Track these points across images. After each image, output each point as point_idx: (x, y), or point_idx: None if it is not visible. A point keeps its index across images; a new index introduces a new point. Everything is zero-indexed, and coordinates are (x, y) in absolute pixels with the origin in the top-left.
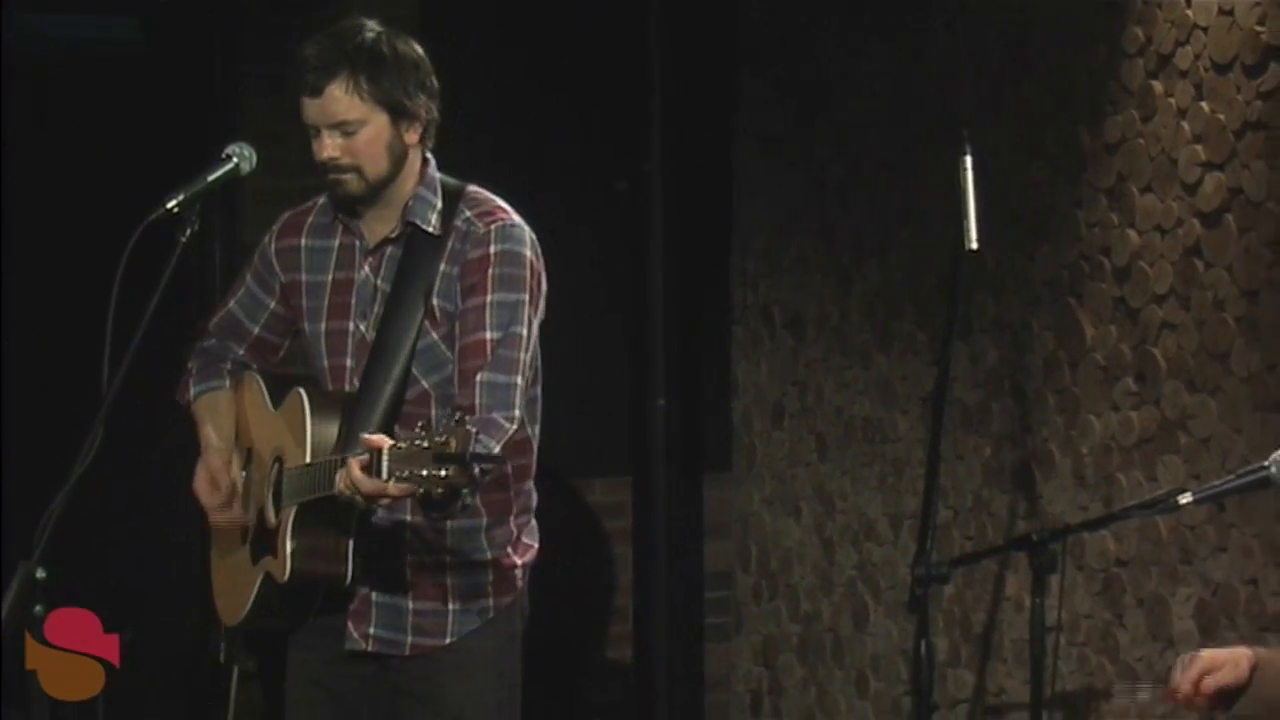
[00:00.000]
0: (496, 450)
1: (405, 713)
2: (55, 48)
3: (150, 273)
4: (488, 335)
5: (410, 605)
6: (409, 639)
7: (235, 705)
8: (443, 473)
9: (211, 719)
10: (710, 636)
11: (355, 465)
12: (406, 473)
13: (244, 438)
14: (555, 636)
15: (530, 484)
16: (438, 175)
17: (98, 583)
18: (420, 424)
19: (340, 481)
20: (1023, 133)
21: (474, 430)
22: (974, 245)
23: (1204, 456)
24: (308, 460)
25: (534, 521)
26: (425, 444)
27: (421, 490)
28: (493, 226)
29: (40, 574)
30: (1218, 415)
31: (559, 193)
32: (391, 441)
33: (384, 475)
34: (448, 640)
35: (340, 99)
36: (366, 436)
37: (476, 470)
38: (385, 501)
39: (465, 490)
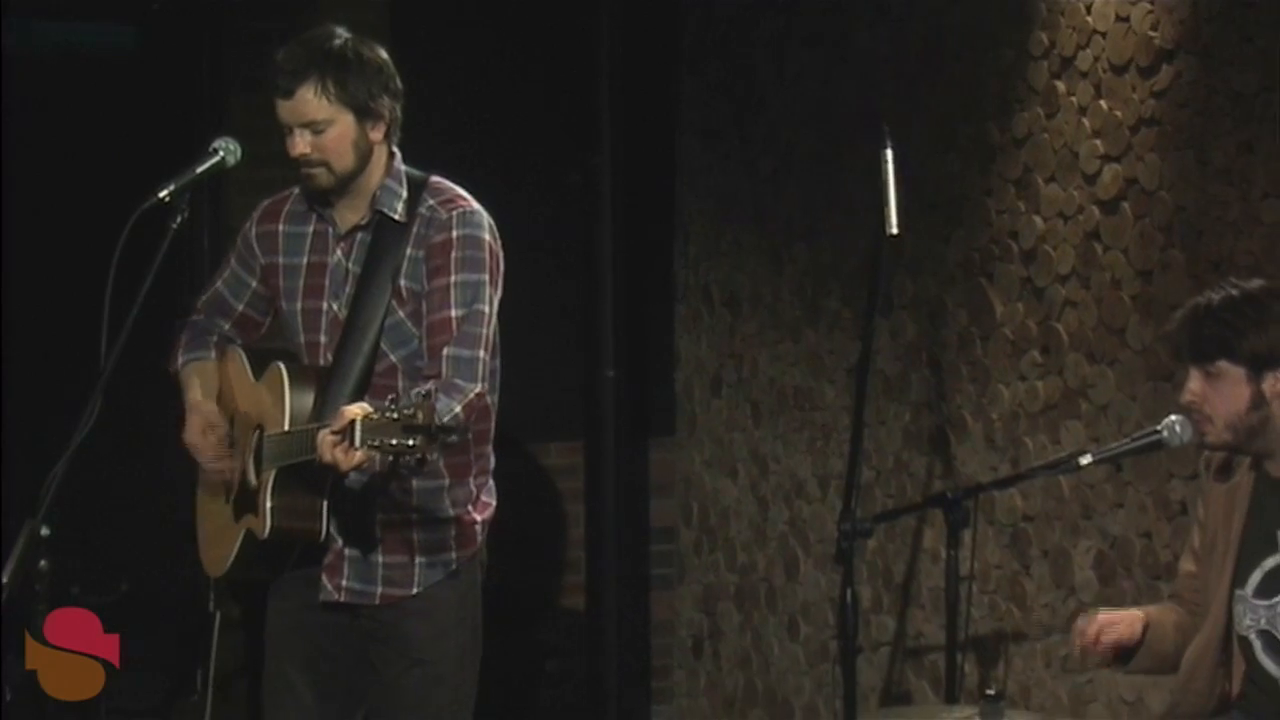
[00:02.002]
0: (458, 409)
1: (376, 656)
2: (57, 52)
3: (143, 256)
4: (453, 313)
5: (380, 559)
6: (379, 589)
7: (218, 649)
8: (410, 442)
9: (200, 662)
10: (655, 586)
11: (331, 434)
12: (378, 441)
13: (227, 405)
14: (515, 586)
15: (489, 448)
16: (403, 167)
17: (97, 539)
18: (390, 397)
19: (319, 447)
20: (938, 128)
21: (439, 404)
22: (894, 230)
23: (1102, 422)
24: (287, 428)
25: (492, 482)
26: (395, 415)
27: (390, 457)
28: (454, 213)
29: (44, 531)
30: (1115, 384)
31: (517, 183)
32: (365, 413)
33: (357, 443)
34: (414, 590)
35: (309, 101)
36: (343, 408)
37: (438, 438)
38: (358, 466)
39: (430, 456)
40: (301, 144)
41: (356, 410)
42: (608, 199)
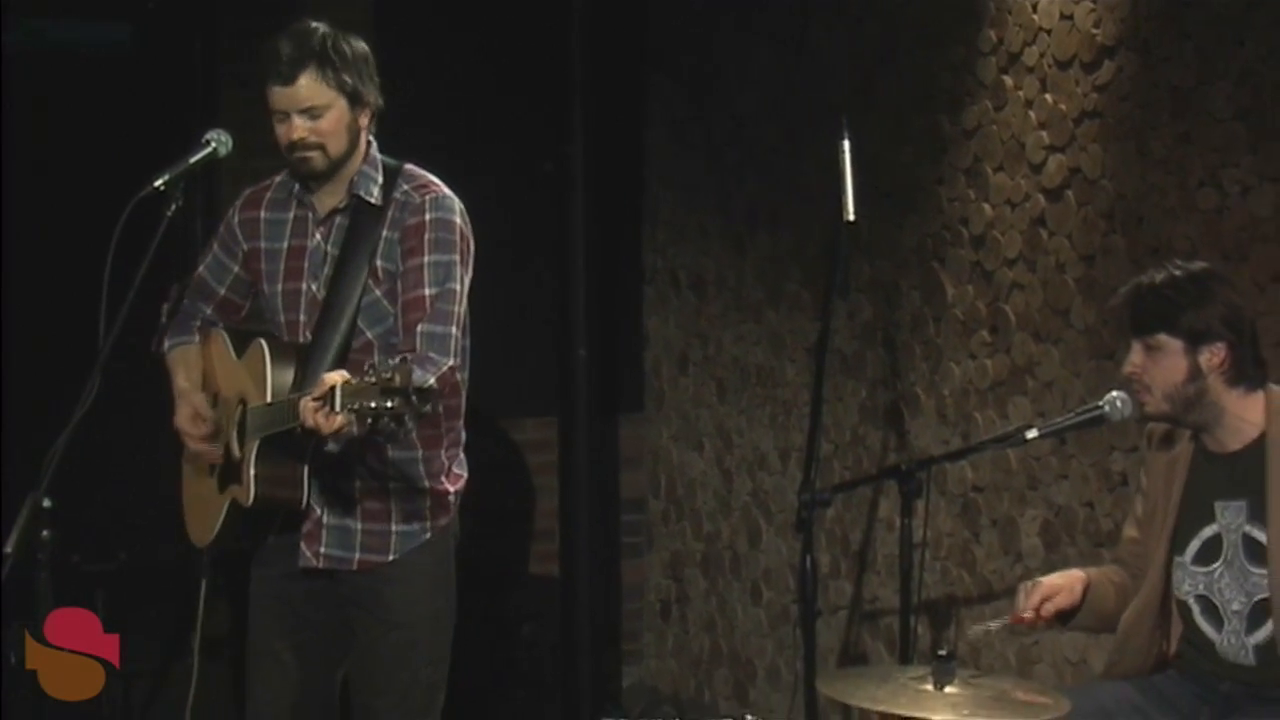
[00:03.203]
0: (432, 382)
1: (354, 621)
2: (56, 49)
3: (140, 242)
4: (426, 291)
5: (358, 526)
6: (357, 555)
7: (204, 614)
8: (389, 404)
9: (189, 630)
10: (626, 554)
11: (313, 400)
12: (357, 405)
13: (210, 384)
14: (493, 554)
15: (460, 422)
16: (379, 155)
17: (96, 511)
18: (368, 364)
19: (302, 414)
20: (892, 120)
21: (414, 374)
22: (851, 217)
23: (1048, 397)
24: (269, 400)
25: (463, 455)
26: (374, 380)
27: (370, 420)
28: (427, 197)
29: (46, 503)
30: (1059, 362)
31: (494, 172)
32: (345, 378)
33: (338, 407)
34: (391, 557)
35: (309, 86)
36: (323, 375)
37: (415, 401)
38: (339, 431)
39: (407, 419)
40: (299, 129)
41: (336, 377)
42: (580, 188)
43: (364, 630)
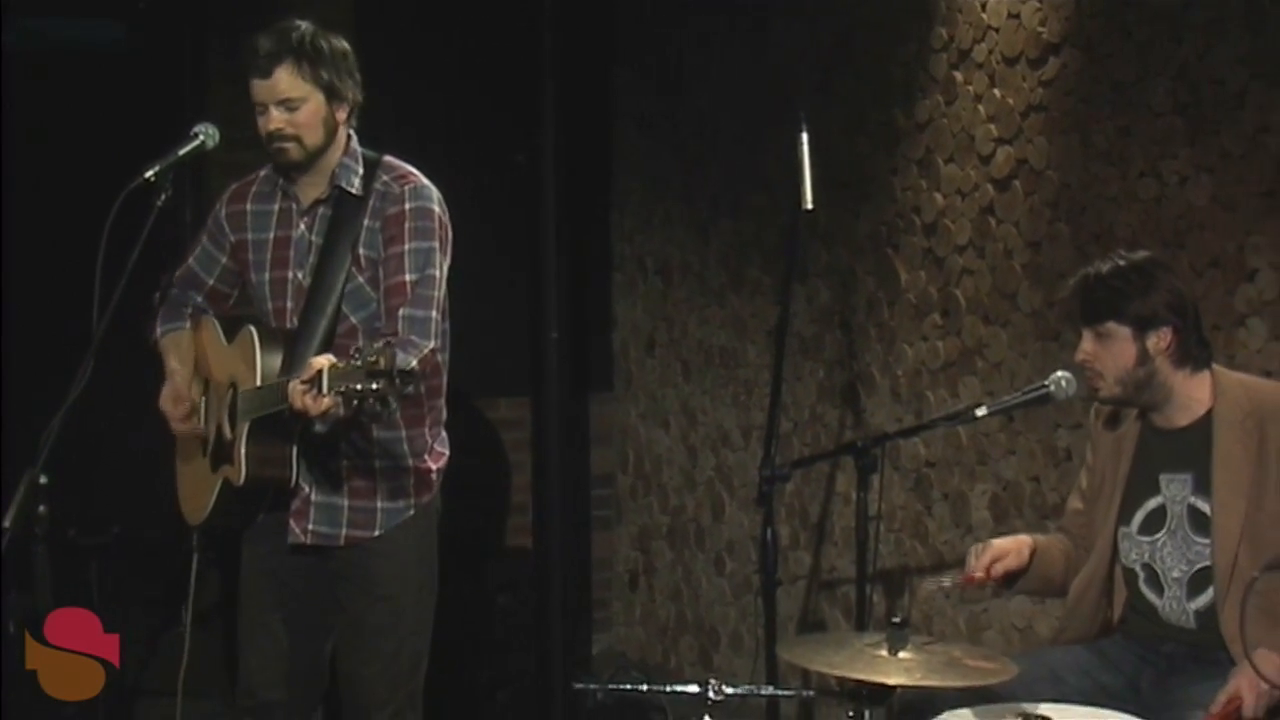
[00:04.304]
0: (414, 364)
1: (342, 593)
2: (54, 47)
3: (131, 230)
4: (407, 277)
5: (345, 504)
6: (344, 531)
7: (195, 587)
8: (374, 385)
9: (181, 600)
10: (596, 526)
11: (301, 383)
12: (344, 386)
13: (202, 369)
14: (469, 527)
15: (441, 401)
16: (359, 148)
17: (90, 487)
18: (354, 348)
19: (290, 396)
20: (848, 114)
21: (397, 356)
22: (809, 205)
23: (996, 377)
24: (259, 384)
25: (445, 433)
26: (359, 363)
27: (355, 401)
28: (406, 187)
29: (43, 479)
30: (1007, 344)
31: (470, 164)
32: (331, 361)
33: (325, 390)
34: (376, 532)
35: (286, 79)
36: (311, 359)
37: (398, 382)
38: (326, 413)
39: (391, 400)
40: (276, 120)
41: (323, 360)
42: (551, 179)
43: (351, 602)
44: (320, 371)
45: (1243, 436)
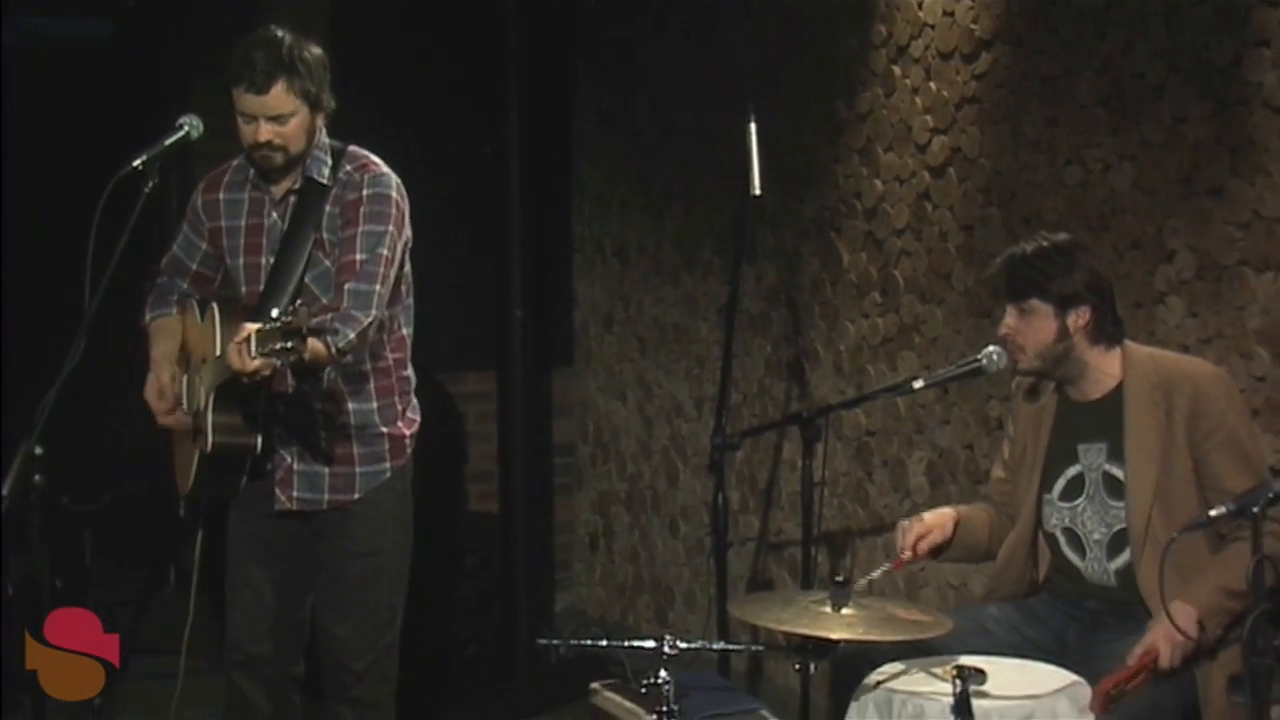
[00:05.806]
0: (353, 336)
1: (322, 553)
2: (45, 44)
3: (121, 216)
4: (357, 256)
5: (326, 471)
6: (326, 497)
7: (191, 551)
8: (289, 344)
9: (171, 562)
10: (558, 492)
11: (235, 343)
12: (267, 348)
13: (186, 349)
14: (438, 493)
15: (409, 371)
16: (327, 140)
17: (83, 457)
18: (275, 311)
19: (228, 357)
20: (794, 105)
21: (336, 333)
22: (757, 191)
23: (932, 352)
24: (217, 354)
25: (415, 400)
26: (278, 325)
27: (279, 361)
28: (365, 175)
29: (38, 450)
30: (943, 321)
31: (439, 154)
32: (257, 326)
33: (253, 351)
34: (356, 495)
35: (279, 96)
36: (244, 324)
37: (329, 344)
38: (255, 372)
39: (325, 361)
40: (266, 132)
41: (253, 326)
42: (515, 166)
43: (331, 560)
44: (249, 336)
45: (1151, 407)
